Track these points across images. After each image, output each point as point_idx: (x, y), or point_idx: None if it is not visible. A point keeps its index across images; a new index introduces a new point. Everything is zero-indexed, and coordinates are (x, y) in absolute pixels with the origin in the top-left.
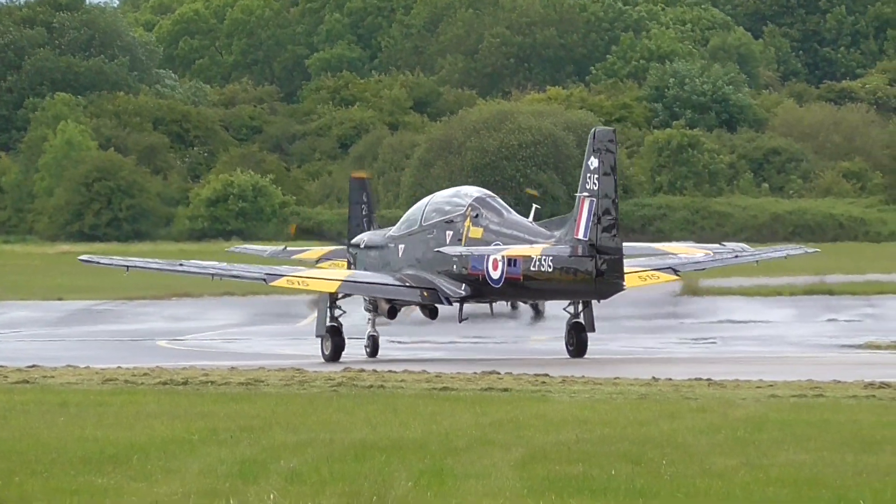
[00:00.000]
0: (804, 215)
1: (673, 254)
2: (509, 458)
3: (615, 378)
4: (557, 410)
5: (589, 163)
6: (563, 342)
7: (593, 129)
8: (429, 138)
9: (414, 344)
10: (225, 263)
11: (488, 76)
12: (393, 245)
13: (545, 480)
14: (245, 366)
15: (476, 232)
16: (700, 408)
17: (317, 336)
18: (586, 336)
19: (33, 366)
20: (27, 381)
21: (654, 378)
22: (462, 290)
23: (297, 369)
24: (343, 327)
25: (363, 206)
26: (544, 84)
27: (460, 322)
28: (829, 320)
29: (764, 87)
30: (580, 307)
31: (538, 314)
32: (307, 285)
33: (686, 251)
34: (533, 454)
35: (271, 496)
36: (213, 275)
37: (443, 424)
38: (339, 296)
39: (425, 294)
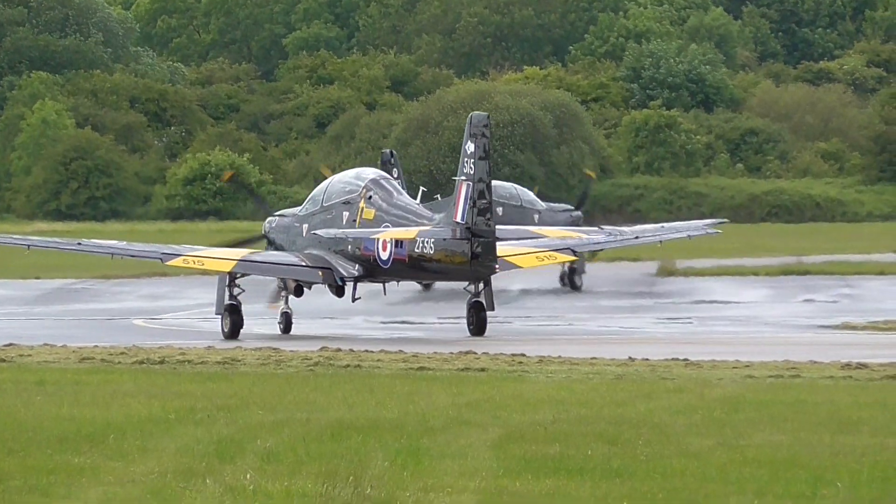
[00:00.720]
0: (781, 196)
1: (545, 237)
2: (486, 437)
3: (592, 358)
4: (534, 390)
5: (466, 147)
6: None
7: (470, 115)
8: (406, 118)
9: (392, 324)
10: (125, 242)
11: (465, 55)
12: (298, 225)
13: (521, 460)
14: (222, 345)
15: (369, 213)
16: (677, 388)
17: (216, 314)
18: (486, 315)
19: (10, 344)
20: (3, 360)
21: (630, 358)
22: (356, 270)
23: (274, 349)
24: (242, 305)
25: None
26: (522, 64)
27: (353, 301)
28: (806, 301)
29: (741, 67)
30: (480, 287)
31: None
32: (203, 265)
33: (562, 235)
34: (509, 434)
35: (248, 475)
36: (112, 254)
37: (419, 404)
38: (238, 275)
39: (321, 273)
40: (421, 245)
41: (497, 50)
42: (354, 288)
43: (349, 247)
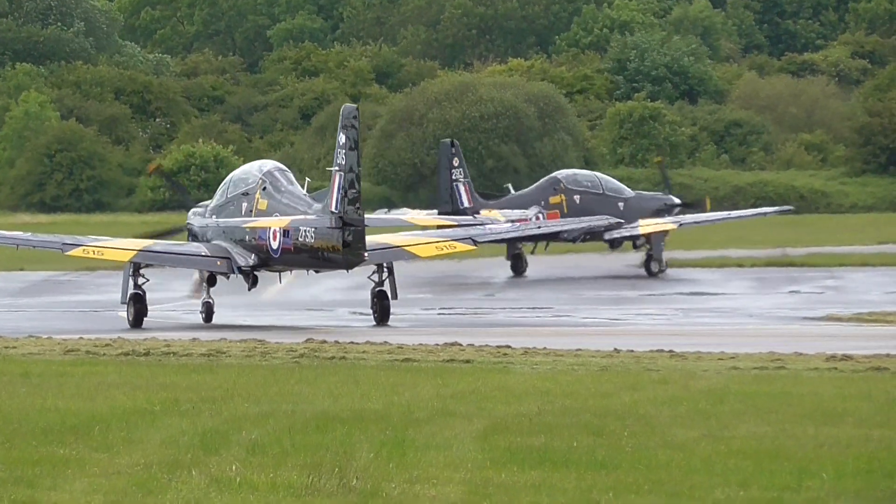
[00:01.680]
0: (765, 187)
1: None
2: (471, 429)
3: (577, 350)
4: (519, 382)
5: (339, 138)
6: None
7: (342, 107)
8: (390, 110)
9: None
10: (29, 234)
11: (449, 47)
12: (210, 216)
13: (507, 452)
14: (206, 337)
15: (263, 204)
16: (661, 379)
17: (122, 303)
18: (389, 303)
19: None
20: None
21: (615, 350)
22: (252, 259)
23: (259, 340)
24: (146, 295)
25: (452, 170)
26: (506, 55)
27: (249, 290)
28: (791, 292)
29: (725, 59)
30: (384, 276)
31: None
32: (102, 255)
33: (436, 224)
34: (494, 425)
35: (233, 467)
36: (16, 245)
37: (404, 396)
38: (142, 265)
39: (219, 263)
40: (304, 234)
41: (481, 41)
42: (250, 277)
43: (247, 237)
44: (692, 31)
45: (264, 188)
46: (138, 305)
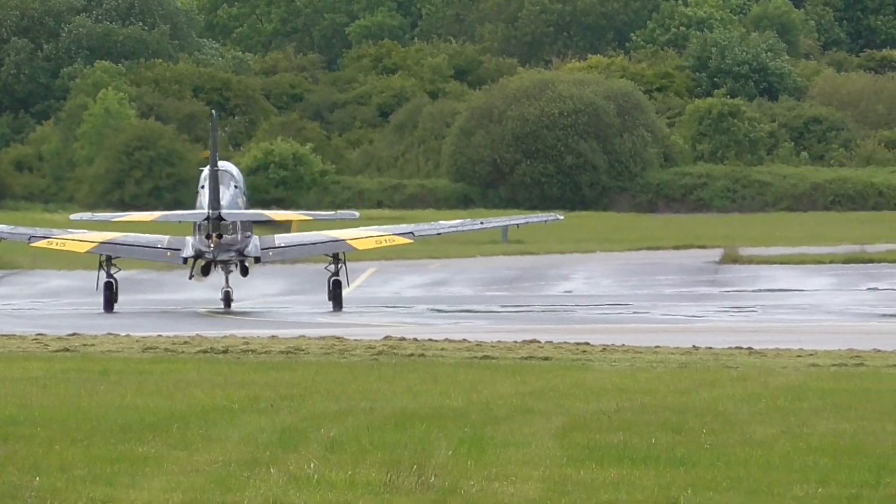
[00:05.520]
0: (844, 184)
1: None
2: (549, 426)
3: (656, 347)
4: (598, 379)
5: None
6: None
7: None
8: (469, 106)
9: (455, 312)
10: (10, 226)
11: (528, 44)
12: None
13: (585, 449)
14: (285, 334)
15: (203, 198)
16: (740, 376)
17: (97, 290)
18: (341, 291)
19: (74, 334)
20: (68, 350)
21: (694, 347)
22: (192, 251)
23: (338, 338)
24: (117, 283)
25: None
26: (585, 52)
27: (189, 279)
28: (870, 289)
29: (804, 55)
30: (339, 266)
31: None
32: (64, 246)
33: (301, 218)
34: (573, 423)
35: (311, 464)
36: None
37: (483, 393)
38: (106, 256)
39: (168, 254)
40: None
41: (559, 38)
42: (192, 266)
43: (197, 231)
44: (770, 28)
45: (202, 186)
46: (108, 293)
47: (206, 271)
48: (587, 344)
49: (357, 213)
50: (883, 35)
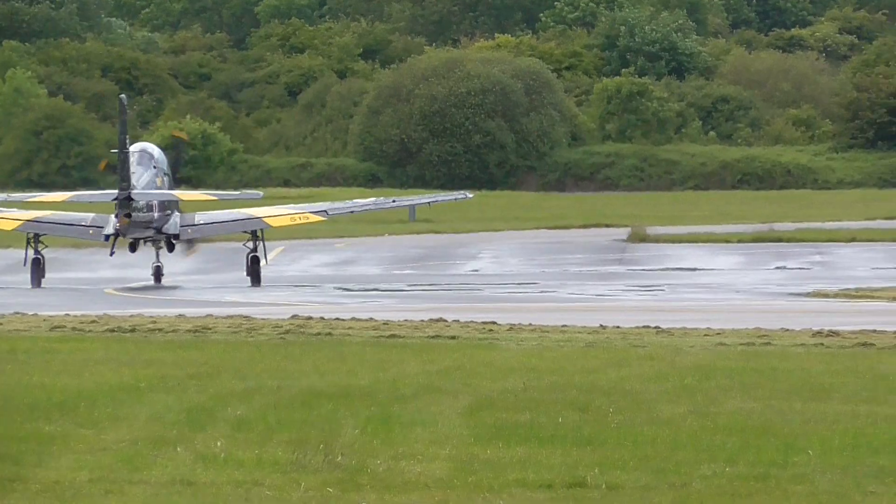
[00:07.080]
0: (752, 163)
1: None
2: (456, 405)
3: (563, 326)
4: (505, 358)
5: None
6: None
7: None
8: (377, 86)
9: (363, 291)
10: None
11: (436, 23)
12: None
13: (492, 428)
14: (193, 313)
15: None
16: (648, 355)
17: (25, 266)
18: (260, 267)
19: None
20: None
21: (601, 325)
22: (112, 229)
23: (245, 317)
24: (44, 260)
25: None
26: (493, 31)
27: (111, 255)
28: (778, 268)
29: (713, 34)
30: (257, 242)
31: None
32: None
33: (203, 198)
34: (480, 402)
35: (219, 443)
36: None
37: (390, 372)
38: (34, 234)
39: (91, 232)
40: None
41: (467, 17)
42: (113, 244)
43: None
44: (679, 7)
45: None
46: (35, 268)
47: (132, 248)
48: (494, 323)
49: (261, 193)
50: (791, 15)
